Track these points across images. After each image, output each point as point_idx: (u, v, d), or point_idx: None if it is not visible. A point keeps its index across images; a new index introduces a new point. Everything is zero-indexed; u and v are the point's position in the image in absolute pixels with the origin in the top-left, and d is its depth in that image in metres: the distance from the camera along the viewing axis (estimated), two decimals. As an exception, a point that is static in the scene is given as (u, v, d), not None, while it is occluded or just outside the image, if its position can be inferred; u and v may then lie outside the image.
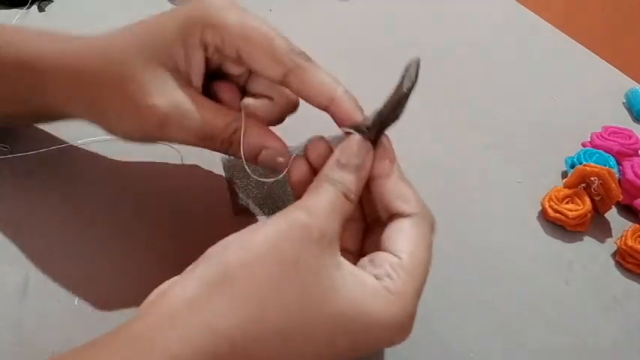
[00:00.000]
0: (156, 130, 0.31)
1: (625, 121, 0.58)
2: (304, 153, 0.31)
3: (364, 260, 0.28)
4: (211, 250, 0.26)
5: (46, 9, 0.60)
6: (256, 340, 0.23)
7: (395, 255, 0.28)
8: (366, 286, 0.26)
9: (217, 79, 0.34)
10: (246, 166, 0.32)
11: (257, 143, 0.32)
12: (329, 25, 0.64)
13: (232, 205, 0.40)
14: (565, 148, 0.52)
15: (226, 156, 0.41)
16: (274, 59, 0.30)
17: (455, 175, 0.48)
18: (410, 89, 0.29)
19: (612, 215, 0.47)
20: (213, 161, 0.41)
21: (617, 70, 0.65)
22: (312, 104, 0.32)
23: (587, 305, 0.40)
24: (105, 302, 0.33)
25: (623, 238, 0.43)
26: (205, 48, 0.32)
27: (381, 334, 0.26)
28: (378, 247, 0.29)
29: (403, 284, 0.27)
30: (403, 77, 0.29)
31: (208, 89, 0.34)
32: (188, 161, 0.42)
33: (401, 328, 0.26)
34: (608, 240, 0.45)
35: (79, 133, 0.42)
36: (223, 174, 0.41)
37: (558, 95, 0.59)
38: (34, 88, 0.34)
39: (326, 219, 0.26)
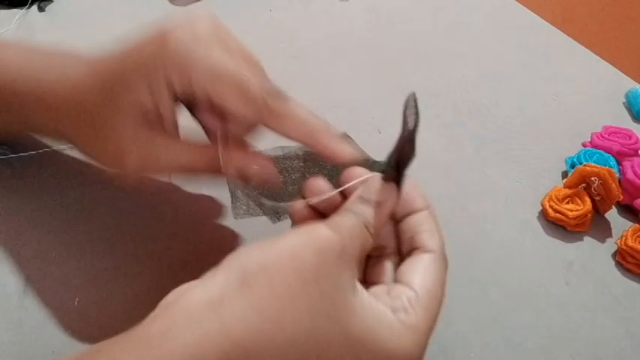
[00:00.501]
0: (137, 174, 0.32)
1: (625, 121, 0.58)
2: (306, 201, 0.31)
3: (381, 289, 0.28)
4: (233, 256, 0.26)
5: (46, 9, 0.60)
6: (270, 348, 0.23)
7: (412, 289, 0.28)
8: (382, 316, 0.26)
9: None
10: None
11: (241, 167, 0.32)
12: (329, 25, 0.64)
13: (232, 207, 0.40)
14: (565, 148, 0.52)
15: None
16: (247, 104, 0.30)
17: (455, 175, 0.48)
18: (415, 125, 0.29)
19: (612, 215, 0.47)
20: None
21: (617, 70, 0.65)
22: (294, 139, 0.32)
23: (587, 305, 0.40)
24: (105, 302, 0.33)
25: (624, 238, 0.43)
26: (172, 88, 0.31)
27: None
28: (381, 277, 0.30)
29: (418, 319, 0.27)
30: (406, 116, 0.30)
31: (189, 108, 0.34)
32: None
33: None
34: (609, 240, 0.45)
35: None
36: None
37: (558, 95, 0.59)
38: (45, 117, 0.35)
39: (348, 237, 0.26)
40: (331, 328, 0.24)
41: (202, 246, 0.37)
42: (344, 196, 0.30)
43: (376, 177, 0.30)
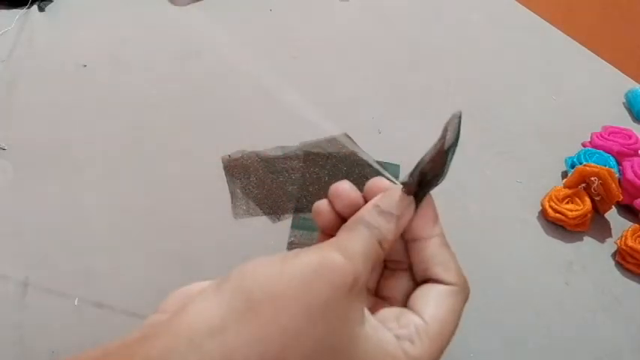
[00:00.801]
0: None
1: (625, 121, 0.58)
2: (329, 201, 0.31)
3: (390, 313, 0.28)
4: (237, 273, 0.25)
5: (46, 9, 0.60)
6: None
7: (422, 319, 0.27)
8: (385, 346, 0.25)
9: None
10: None
11: None
12: (329, 25, 0.64)
13: (232, 205, 0.40)
14: (565, 148, 0.52)
15: (227, 155, 0.41)
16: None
17: (455, 175, 0.48)
18: (451, 148, 0.28)
19: (612, 215, 0.47)
20: (214, 161, 0.41)
21: (617, 70, 0.65)
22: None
23: (587, 305, 0.40)
24: (105, 302, 0.33)
25: (623, 238, 0.43)
26: None
27: None
28: (394, 291, 0.29)
29: (423, 350, 0.26)
30: (445, 133, 0.29)
31: None
32: (189, 161, 0.42)
33: None
34: (608, 240, 0.45)
35: (80, 133, 0.42)
36: (224, 174, 0.41)
37: (558, 95, 0.59)
38: None
39: (361, 264, 0.25)
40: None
41: (203, 246, 0.37)
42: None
43: (397, 188, 0.29)
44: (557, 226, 0.45)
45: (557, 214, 0.44)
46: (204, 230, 0.38)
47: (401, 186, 0.29)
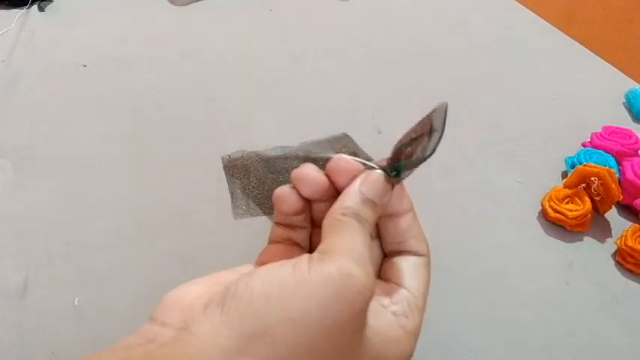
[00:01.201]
0: None
1: (625, 121, 0.58)
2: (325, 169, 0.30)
3: (381, 287, 0.28)
4: (244, 288, 0.23)
5: (46, 9, 0.60)
6: None
7: (411, 293, 0.28)
8: (388, 332, 0.26)
9: None
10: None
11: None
12: (329, 25, 0.64)
13: (232, 205, 0.40)
14: (565, 148, 0.52)
15: (227, 155, 0.41)
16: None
17: (455, 175, 0.48)
18: (434, 136, 0.29)
19: (612, 215, 0.47)
20: (214, 161, 0.41)
21: (617, 70, 0.65)
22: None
23: (587, 305, 0.40)
24: (105, 302, 0.33)
25: (623, 238, 0.43)
26: None
27: None
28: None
29: (416, 324, 0.28)
30: (427, 121, 0.29)
31: None
32: (189, 161, 0.42)
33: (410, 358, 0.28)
34: (608, 240, 0.45)
35: (80, 133, 0.42)
36: (224, 174, 0.41)
37: (558, 95, 0.59)
38: None
39: (371, 271, 0.25)
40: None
41: (203, 246, 0.37)
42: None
43: (380, 175, 0.29)
44: (557, 226, 0.45)
45: (557, 214, 0.44)
46: (204, 230, 0.38)
47: (378, 169, 0.29)
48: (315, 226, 0.31)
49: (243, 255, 0.30)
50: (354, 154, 0.30)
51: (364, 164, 0.30)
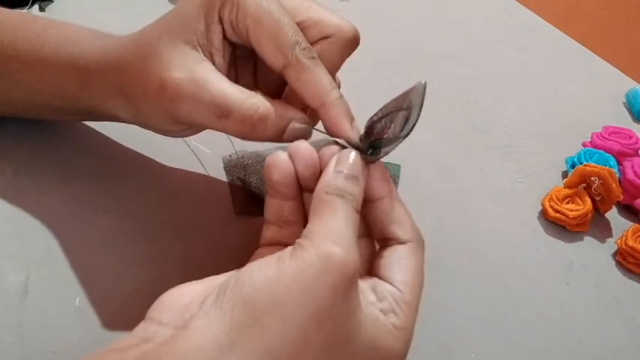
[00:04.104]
0: (173, 104, 0.30)
1: (625, 121, 0.58)
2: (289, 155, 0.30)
3: (365, 285, 0.28)
4: (234, 282, 0.24)
5: (46, 9, 0.60)
6: None
7: (396, 287, 0.27)
8: (378, 322, 0.26)
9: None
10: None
11: (283, 117, 0.31)
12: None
13: (233, 205, 0.40)
14: (565, 148, 0.52)
15: (227, 155, 0.41)
16: (278, 49, 0.30)
17: (455, 175, 0.48)
18: (411, 115, 0.29)
19: (613, 215, 0.47)
20: (214, 160, 0.41)
21: (617, 70, 0.65)
22: (305, 102, 0.31)
23: (588, 305, 0.40)
24: (105, 302, 0.33)
25: (624, 238, 0.43)
26: (222, 23, 0.31)
27: None
28: (364, 263, 0.29)
29: (407, 320, 0.27)
30: (404, 99, 0.29)
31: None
32: (189, 160, 0.42)
33: (402, 358, 0.27)
34: (609, 240, 0.45)
35: (80, 132, 0.42)
36: (224, 173, 0.41)
37: (558, 95, 0.59)
38: (80, 87, 0.34)
39: (353, 247, 0.25)
40: (341, 357, 0.24)
41: (203, 245, 0.37)
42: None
43: (348, 152, 0.29)
44: (558, 225, 0.45)
45: (558, 214, 0.44)
46: (205, 230, 0.38)
47: (351, 149, 0.29)
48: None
49: (244, 255, 0.30)
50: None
51: (336, 142, 0.29)
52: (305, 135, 0.31)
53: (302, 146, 0.29)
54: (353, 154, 0.29)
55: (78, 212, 0.38)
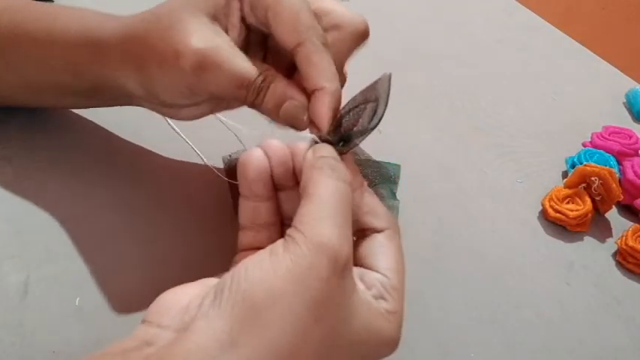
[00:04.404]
0: (195, 73, 0.30)
1: (625, 121, 0.58)
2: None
3: (355, 275, 0.28)
4: (231, 279, 0.24)
5: (46, 9, 0.60)
6: None
7: (382, 274, 0.28)
8: (371, 307, 0.26)
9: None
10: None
11: (283, 93, 0.31)
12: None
13: (233, 205, 0.39)
14: (565, 148, 0.52)
15: (227, 155, 0.41)
16: (294, 28, 0.30)
17: (455, 175, 0.48)
18: (379, 107, 0.29)
19: (613, 215, 0.47)
20: (214, 160, 0.41)
21: (617, 70, 0.65)
22: (303, 84, 0.31)
23: (588, 305, 0.40)
24: (106, 302, 0.33)
25: (624, 238, 0.43)
26: (242, 1, 0.32)
27: (384, 351, 0.27)
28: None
29: (396, 304, 0.27)
30: (371, 92, 0.30)
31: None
32: (189, 160, 0.42)
33: (397, 343, 0.28)
34: (609, 240, 0.45)
35: (79, 132, 0.42)
36: (224, 173, 0.41)
37: (558, 95, 0.59)
38: (91, 60, 0.34)
39: (344, 233, 0.25)
40: (341, 347, 0.25)
41: (203, 246, 0.37)
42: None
43: (328, 146, 0.29)
44: (558, 225, 0.45)
45: (558, 214, 0.44)
46: (205, 230, 0.38)
47: (323, 143, 0.29)
48: (284, 225, 0.31)
49: (244, 255, 0.30)
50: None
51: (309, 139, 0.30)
52: (298, 115, 0.31)
53: (274, 142, 0.30)
54: (327, 145, 0.29)
55: (78, 212, 0.38)
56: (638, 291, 0.41)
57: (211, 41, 0.30)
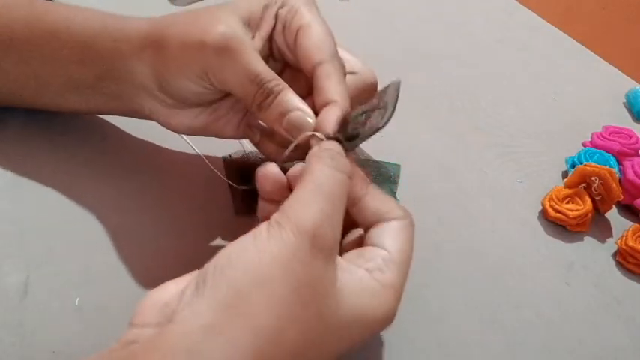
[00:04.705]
0: (217, 53, 0.31)
1: (625, 121, 0.58)
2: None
3: (351, 254, 0.29)
4: (213, 266, 0.25)
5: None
6: None
7: (386, 250, 0.28)
8: (363, 283, 0.27)
9: None
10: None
11: (292, 101, 0.32)
12: (329, 25, 0.64)
13: (233, 205, 0.40)
14: (565, 148, 0.52)
15: (227, 155, 0.41)
16: (320, 50, 0.33)
17: (455, 175, 0.48)
18: (387, 113, 0.30)
19: (613, 215, 0.47)
20: (214, 160, 0.41)
21: (617, 70, 0.65)
22: (315, 99, 0.32)
23: (588, 305, 0.40)
24: (106, 302, 0.33)
25: (624, 238, 0.43)
26: (276, 19, 0.34)
27: (377, 327, 0.27)
28: (345, 230, 0.30)
29: (393, 277, 0.28)
30: (380, 100, 0.30)
31: None
32: (189, 160, 0.42)
33: (392, 318, 0.28)
34: (609, 240, 0.45)
35: (80, 132, 0.42)
36: (224, 173, 0.41)
37: (558, 95, 0.59)
38: (107, 46, 0.35)
39: (331, 220, 0.26)
40: (328, 328, 0.25)
41: (203, 246, 0.37)
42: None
43: (333, 142, 0.30)
44: (558, 225, 0.45)
45: (558, 214, 0.44)
46: (205, 230, 0.38)
47: (328, 140, 0.30)
48: None
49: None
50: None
51: (313, 136, 0.30)
52: (303, 125, 0.32)
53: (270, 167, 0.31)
54: (333, 142, 0.30)
55: (78, 212, 0.38)
56: (638, 291, 0.41)
57: (238, 32, 0.32)
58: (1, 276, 0.33)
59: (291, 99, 0.32)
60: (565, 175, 0.50)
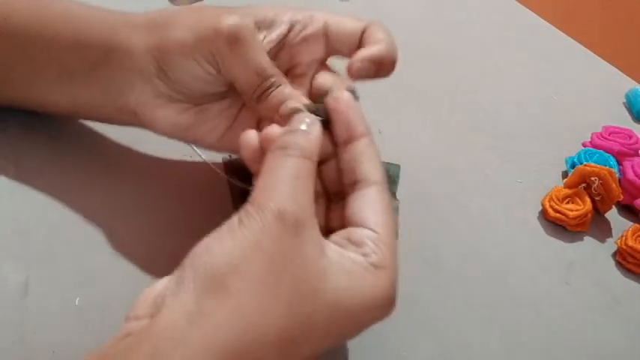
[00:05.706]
0: (227, 41, 0.32)
1: (625, 121, 0.58)
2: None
3: (339, 237, 0.28)
4: (194, 257, 0.26)
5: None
6: (258, 348, 0.23)
7: (371, 229, 0.28)
8: (353, 266, 0.26)
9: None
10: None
11: (291, 93, 0.33)
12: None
13: (233, 205, 0.40)
14: (565, 148, 0.52)
15: (227, 155, 0.41)
16: (351, 38, 0.40)
17: (455, 175, 0.48)
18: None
19: (613, 215, 0.47)
20: (214, 161, 0.41)
21: (617, 70, 0.65)
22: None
23: (588, 305, 0.40)
24: (106, 302, 0.33)
25: (624, 238, 0.43)
26: (290, 26, 0.35)
27: (377, 312, 0.27)
28: (343, 220, 0.30)
29: (386, 258, 0.27)
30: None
31: None
32: (189, 161, 0.42)
33: (392, 301, 0.27)
34: (609, 240, 0.45)
35: (80, 132, 0.42)
36: (224, 172, 0.41)
37: (558, 95, 0.59)
38: (109, 31, 0.35)
39: (294, 198, 0.26)
40: (312, 307, 0.25)
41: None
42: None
43: (302, 113, 0.31)
44: (558, 225, 0.45)
45: (558, 214, 0.44)
46: (205, 230, 0.38)
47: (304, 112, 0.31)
48: (331, 201, 0.32)
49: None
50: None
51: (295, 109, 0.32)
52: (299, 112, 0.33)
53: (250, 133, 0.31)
54: (298, 117, 0.31)
55: (78, 212, 0.38)
56: (638, 291, 0.41)
57: (250, 25, 0.33)
58: (1, 276, 0.33)
59: (292, 91, 0.33)
60: (565, 175, 0.50)
